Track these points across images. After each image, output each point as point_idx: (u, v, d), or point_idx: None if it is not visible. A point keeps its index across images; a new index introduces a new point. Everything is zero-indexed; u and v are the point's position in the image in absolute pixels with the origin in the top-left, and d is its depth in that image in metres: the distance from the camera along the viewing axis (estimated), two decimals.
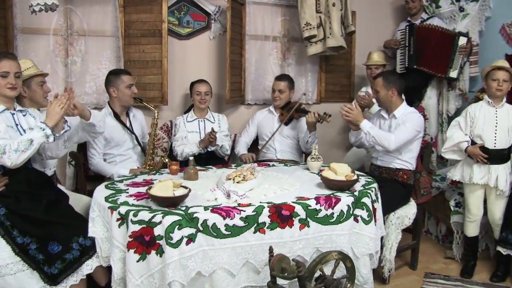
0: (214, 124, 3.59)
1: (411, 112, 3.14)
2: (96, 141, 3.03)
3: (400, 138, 3.00)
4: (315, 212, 2.30)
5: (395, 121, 3.16)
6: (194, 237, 2.07)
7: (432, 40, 3.98)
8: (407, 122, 3.06)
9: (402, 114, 3.13)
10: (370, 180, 2.76)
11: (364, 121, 3.06)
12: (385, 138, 3.00)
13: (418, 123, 3.08)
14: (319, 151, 3.05)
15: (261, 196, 2.40)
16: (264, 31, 4.12)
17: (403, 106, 3.18)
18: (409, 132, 3.03)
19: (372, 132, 3.02)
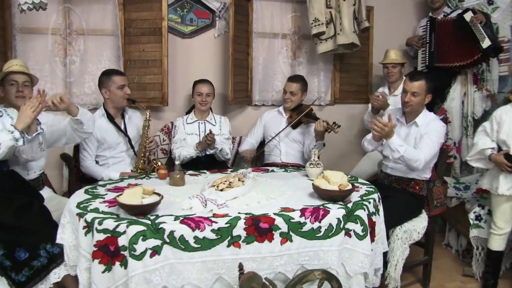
0: (215, 126, 3.43)
1: (433, 120, 2.85)
2: (88, 143, 2.96)
3: (429, 157, 2.74)
4: (299, 226, 2.08)
5: (415, 129, 2.87)
6: (160, 250, 1.91)
7: (452, 33, 3.65)
8: (431, 133, 2.78)
9: (424, 122, 2.85)
10: (371, 190, 2.50)
11: (394, 138, 2.72)
12: (414, 158, 2.70)
13: (442, 133, 2.82)
14: (330, 158, 2.83)
15: (242, 206, 2.21)
16: (272, 28, 3.91)
17: (425, 113, 2.91)
18: (436, 146, 2.78)
19: (402, 151, 2.69)
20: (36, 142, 2.35)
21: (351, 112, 4.15)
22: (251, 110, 3.93)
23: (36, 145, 2.37)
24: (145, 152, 3.07)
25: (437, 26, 3.71)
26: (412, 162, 2.72)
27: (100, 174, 2.94)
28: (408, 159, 2.72)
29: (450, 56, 3.69)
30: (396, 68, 3.69)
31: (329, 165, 3.64)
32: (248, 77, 3.82)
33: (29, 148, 2.33)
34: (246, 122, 3.84)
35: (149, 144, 3.08)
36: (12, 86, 2.54)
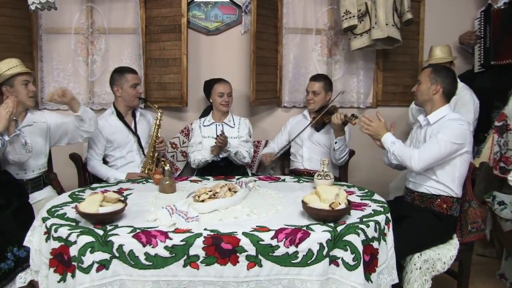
0: (234, 128, 3.21)
1: (451, 120, 2.38)
2: (96, 142, 2.91)
3: (426, 155, 2.32)
4: (270, 249, 1.78)
5: (429, 129, 2.45)
6: (108, 264, 1.75)
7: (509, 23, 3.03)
8: (440, 132, 2.34)
9: (439, 121, 2.42)
10: (379, 210, 2.10)
11: (386, 135, 2.45)
12: (408, 155, 2.35)
13: (456, 133, 2.32)
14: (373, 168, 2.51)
15: (214, 221, 1.97)
16: (305, 23, 3.59)
17: (442, 110, 2.45)
18: (441, 146, 2.31)
19: (393, 148, 2.40)
20: (18, 144, 2.34)
21: (396, 116, 3.60)
22: (281, 112, 3.64)
23: (19, 146, 2.35)
24: (154, 152, 2.96)
25: (493, 16, 3.10)
26: (405, 159, 2.36)
27: (106, 174, 2.89)
28: (400, 157, 2.38)
29: (508, 51, 3.06)
30: None
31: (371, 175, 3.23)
32: (277, 76, 3.54)
33: (11, 149, 2.32)
34: (274, 125, 3.56)
35: (159, 145, 2.97)
36: (23, 86, 2.57)
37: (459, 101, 3.16)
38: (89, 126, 2.64)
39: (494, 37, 3.20)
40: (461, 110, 3.13)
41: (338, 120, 2.88)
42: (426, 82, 2.48)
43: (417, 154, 2.33)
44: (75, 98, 2.57)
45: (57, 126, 2.70)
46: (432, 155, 2.31)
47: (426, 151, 2.32)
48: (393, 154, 2.40)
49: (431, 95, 2.45)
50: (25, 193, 2.50)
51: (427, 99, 2.48)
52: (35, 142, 2.61)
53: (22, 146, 2.37)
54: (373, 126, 2.48)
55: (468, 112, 3.10)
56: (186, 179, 2.75)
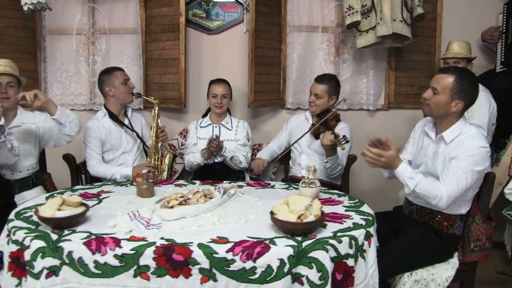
0: (231, 131, 3.09)
1: (470, 138, 2.08)
2: (93, 141, 2.88)
3: (455, 194, 2.03)
4: (225, 263, 1.65)
5: (444, 147, 2.16)
6: (58, 270, 1.69)
7: None
8: (462, 158, 2.04)
9: (456, 139, 2.12)
10: (360, 224, 1.91)
11: (400, 167, 2.11)
12: (431, 194, 2.04)
13: (480, 158, 2.04)
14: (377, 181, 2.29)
15: (174, 230, 1.86)
16: (311, 20, 3.40)
17: (458, 126, 2.14)
18: (467, 177, 2.02)
19: (412, 185, 2.07)
20: (4, 149, 2.34)
21: (410, 119, 3.36)
22: (285, 114, 3.47)
23: (5, 151, 2.35)
24: (158, 142, 2.91)
25: None
26: (429, 199, 2.06)
27: (110, 172, 2.83)
28: (424, 196, 2.06)
29: None
30: (460, 64, 2.87)
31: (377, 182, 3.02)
32: (281, 77, 3.38)
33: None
34: (278, 127, 3.36)
35: (161, 134, 2.92)
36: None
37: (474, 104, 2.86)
38: (70, 130, 2.59)
39: None
40: (475, 114, 2.84)
41: (327, 142, 2.61)
42: (445, 94, 2.10)
43: (445, 194, 2.01)
44: (50, 101, 2.50)
45: (45, 128, 2.69)
46: (460, 191, 2.02)
47: (453, 188, 2.01)
48: (414, 192, 2.08)
49: (449, 111, 2.12)
50: (10, 192, 2.51)
51: (443, 114, 2.15)
52: (23, 144, 2.63)
53: (9, 151, 2.37)
54: (384, 160, 2.10)
55: (483, 116, 2.81)
56: (172, 183, 2.67)
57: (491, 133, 2.97)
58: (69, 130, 2.58)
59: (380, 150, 2.12)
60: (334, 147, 2.63)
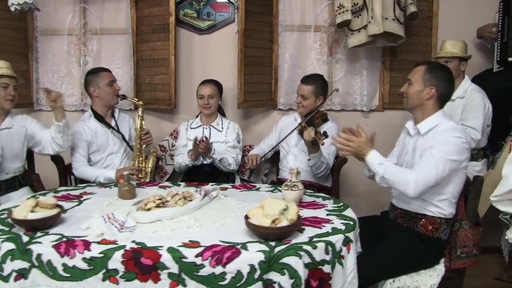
0: (221, 132, 3.05)
1: (446, 130, 2.04)
2: (79, 144, 2.86)
3: (424, 180, 1.98)
4: (194, 268, 1.61)
5: (420, 140, 2.13)
6: (27, 273, 1.68)
7: None
8: (435, 147, 2.01)
9: (432, 131, 2.09)
10: (339, 229, 1.86)
11: (370, 154, 2.10)
12: (401, 180, 2.01)
13: (453, 148, 1.99)
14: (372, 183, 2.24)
15: (148, 233, 1.82)
16: (303, 19, 3.34)
17: (434, 118, 2.11)
18: (438, 166, 1.97)
19: (382, 171, 2.05)
20: None
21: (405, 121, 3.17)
22: (277, 115, 3.42)
23: None
24: (141, 144, 2.88)
25: None
26: (398, 186, 2.02)
27: (94, 175, 2.82)
28: (393, 182, 2.03)
29: None
30: (451, 64, 2.80)
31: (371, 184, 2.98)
32: (272, 77, 3.33)
33: None
34: (270, 128, 3.30)
35: (145, 136, 2.89)
36: (2, 89, 2.57)
37: (468, 105, 2.80)
38: (64, 142, 2.67)
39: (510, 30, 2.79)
40: (469, 115, 2.77)
41: (308, 137, 2.56)
42: (418, 83, 2.13)
43: (412, 180, 1.98)
44: (62, 107, 2.61)
45: (33, 134, 2.72)
46: (430, 178, 1.97)
47: (423, 175, 1.98)
48: (382, 178, 2.06)
49: (423, 99, 2.12)
50: None
51: (418, 104, 2.15)
52: (11, 146, 2.64)
53: None
54: (353, 145, 2.12)
55: (477, 118, 2.73)
56: (156, 185, 2.64)
57: (486, 134, 2.88)
58: (63, 142, 2.66)
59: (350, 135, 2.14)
60: (314, 142, 2.59)
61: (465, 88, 2.86)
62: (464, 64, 2.86)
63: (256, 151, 3.15)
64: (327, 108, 3.33)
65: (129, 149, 2.93)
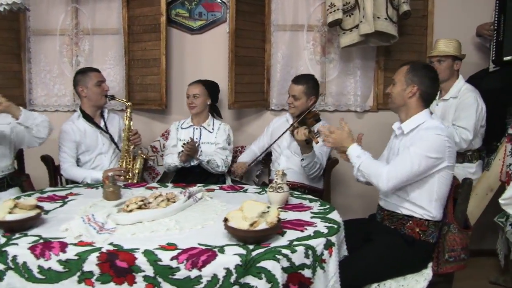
0: (212, 133, 3.03)
1: (427, 128, 2.02)
2: (67, 145, 2.84)
3: (396, 174, 1.97)
4: (169, 271, 1.59)
5: (404, 140, 2.10)
6: (2, 275, 1.67)
7: None
8: (414, 143, 1.99)
9: (414, 130, 2.06)
10: (321, 232, 1.82)
11: (351, 147, 2.12)
12: (375, 173, 2.01)
13: (431, 145, 1.96)
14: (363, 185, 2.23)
15: (126, 235, 1.80)
16: (296, 19, 3.31)
17: (418, 117, 2.09)
18: (413, 161, 1.95)
19: (358, 163, 2.07)
20: None
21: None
22: (270, 115, 3.38)
23: None
24: (129, 145, 2.86)
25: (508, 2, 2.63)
26: (372, 178, 2.02)
27: (82, 176, 2.79)
28: (367, 175, 2.03)
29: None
30: (444, 63, 2.76)
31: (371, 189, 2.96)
32: (265, 77, 3.30)
33: None
34: (263, 129, 3.25)
35: (133, 137, 2.87)
36: None
37: (460, 105, 2.74)
38: (38, 132, 2.55)
39: (508, 29, 2.73)
40: (461, 115, 2.73)
41: (301, 136, 2.54)
42: (401, 83, 2.12)
43: (385, 174, 1.97)
44: (12, 105, 2.45)
45: (18, 131, 2.66)
46: (402, 173, 1.95)
47: (396, 169, 1.97)
48: (359, 170, 2.07)
49: (406, 98, 2.09)
50: None
51: (402, 104, 2.12)
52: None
53: None
54: (335, 137, 2.15)
55: (469, 118, 2.68)
56: (143, 186, 2.61)
57: (480, 135, 2.83)
58: (37, 133, 2.54)
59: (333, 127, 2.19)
60: (308, 141, 2.56)
61: (458, 88, 2.81)
62: (457, 63, 2.81)
63: (246, 155, 3.12)
64: (320, 108, 3.29)
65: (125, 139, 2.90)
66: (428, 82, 2.08)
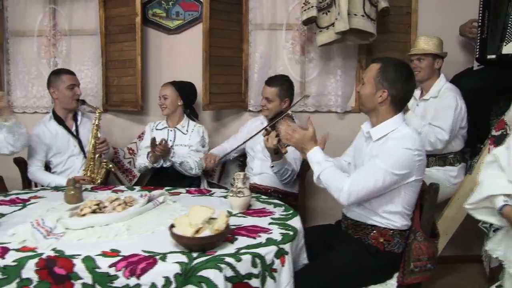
0: (186, 136, 2.97)
1: (398, 138, 1.87)
2: (36, 149, 2.82)
3: (357, 189, 1.84)
4: (107, 279, 1.53)
5: (371, 146, 1.98)
6: None
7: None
8: (380, 156, 1.85)
9: (384, 138, 1.92)
10: (274, 239, 1.74)
11: (311, 151, 1.99)
12: (335, 186, 1.88)
13: (397, 160, 1.83)
14: None
15: (72, 241, 1.75)
16: (274, 17, 3.22)
17: (389, 123, 1.94)
18: (377, 177, 1.82)
19: (318, 171, 1.94)
20: None
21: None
22: (249, 117, 3.30)
23: None
24: (95, 154, 2.82)
25: None
26: (332, 192, 1.89)
27: (46, 181, 2.78)
28: (328, 186, 1.90)
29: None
30: (424, 62, 2.65)
31: None
32: (242, 78, 3.23)
33: None
34: None
35: (100, 145, 2.82)
36: None
37: (439, 104, 2.64)
38: (16, 141, 2.55)
39: (492, 25, 2.61)
40: (439, 115, 2.62)
41: (270, 144, 2.40)
42: (370, 85, 1.95)
43: (346, 188, 1.83)
44: (10, 108, 2.57)
45: None
46: (365, 189, 1.83)
47: (359, 184, 1.83)
48: (318, 178, 1.95)
49: (376, 104, 1.94)
50: None
51: (371, 108, 1.98)
52: None
53: None
54: (297, 137, 2.02)
55: (446, 118, 2.57)
56: (111, 188, 2.56)
57: (461, 137, 2.71)
58: (15, 142, 2.54)
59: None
60: (276, 151, 2.45)
61: (439, 87, 2.70)
62: (438, 61, 2.70)
63: (217, 151, 3.02)
64: (299, 109, 3.21)
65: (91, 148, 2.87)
66: (400, 85, 1.92)
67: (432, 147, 2.63)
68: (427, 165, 2.77)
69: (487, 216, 1.84)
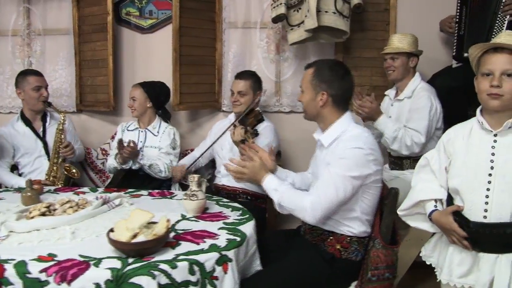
0: (156, 137, 2.92)
1: (347, 140, 1.81)
2: (2, 150, 2.79)
3: (321, 205, 1.77)
4: (38, 285, 1.48)
5: (325, 153, 1.91)
6: None
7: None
8: (332, 162, 1.79)
9: (335, 143, 1.85)
10: (218, 245, 1.67)
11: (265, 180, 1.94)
12: (298, 207, 1.82)
13: (351, 163, 1.75)
14: None
15: (13, 244, 1.71)
16: (248, 15, 3.16)
17: (338, 125, 1.88)
18: (337, 186, 1.75)
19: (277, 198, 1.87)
20: None
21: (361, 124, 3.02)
22: (223, 117, 3.22)
23: None
24: (58, 158, 2.79)
25: None
26: (297, 213, 1.82)
27: (10, 182, 2.76)
28: (291, 210, 1.83)
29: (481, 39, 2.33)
30: (398, 61, 2.56)
31: None
32: (216, 77, 3.17)
33: None
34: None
35: (63, 150, 2.79)
36: None
37: (413, 105, 2.54)
38: None
39: (470, 22, 2.51)
40: (413, 116, 2.53)
41: (237, 137, 2.36)
42: (309, 91, 1.90)
43: (309, 206, 1.77)
44: None
45: None
46: (328, 202, 1.76)
47: (320, 198, 1.76)
48: (279, 205, 1.87)
49: (318, 108, 1.88)
50: None
51: (315, 113, 1.92)
52: None
53: None
54: (247, 172, 1.95)
55: (421, 119, 2.48)
56: (73, 190, 2.52)
57: (437, 138, 2.60)
58: None
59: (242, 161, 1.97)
60: (243, 142, 2.36)
61: (414, 87, 2.60)
62: (413, 60, 2.60)
63: (186, 160, 2.98)
64: (275, 109, 3.15)
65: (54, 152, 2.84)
66: (337, 84, 1.86)
67: (409, 150, 2.54)
68: (401, 167, 2.71)
69: (421, 222, 1.77)
